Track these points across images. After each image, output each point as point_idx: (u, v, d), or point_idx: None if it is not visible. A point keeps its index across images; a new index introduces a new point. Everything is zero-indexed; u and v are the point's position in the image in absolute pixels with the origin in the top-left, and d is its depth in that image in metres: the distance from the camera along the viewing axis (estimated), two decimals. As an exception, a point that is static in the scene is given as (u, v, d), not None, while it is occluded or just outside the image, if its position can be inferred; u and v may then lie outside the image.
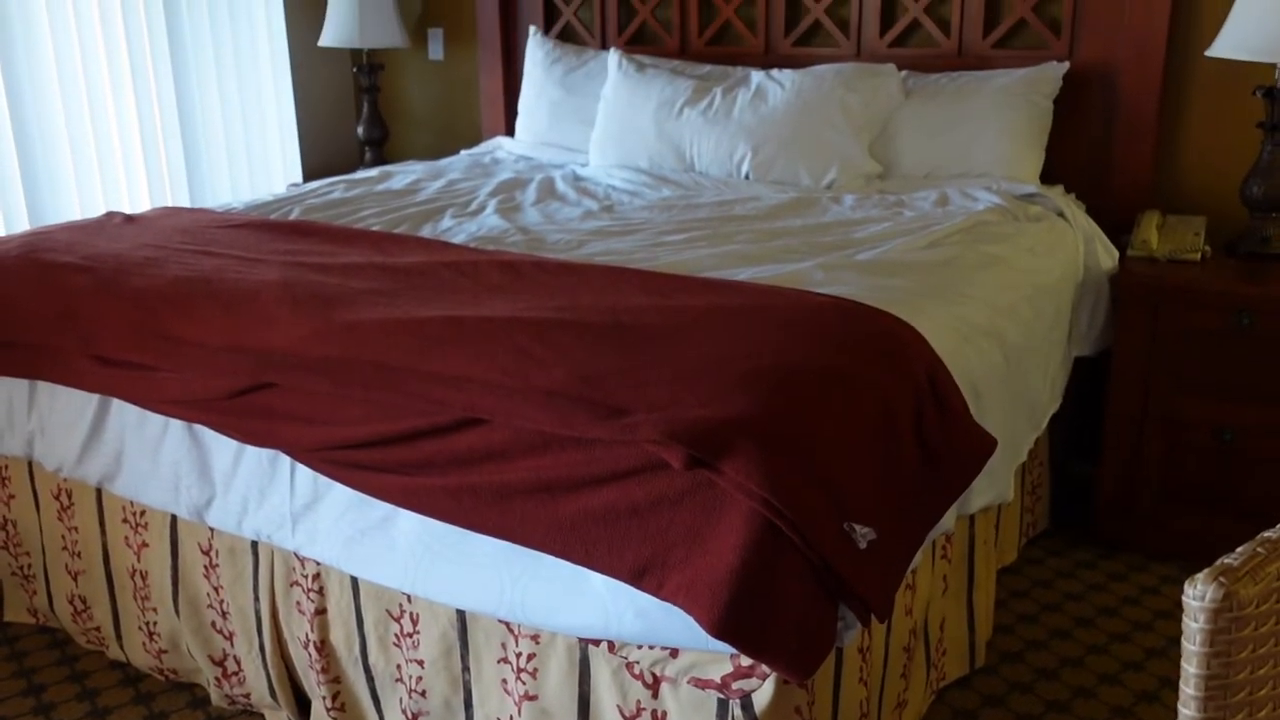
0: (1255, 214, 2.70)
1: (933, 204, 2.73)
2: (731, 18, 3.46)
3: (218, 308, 2.03)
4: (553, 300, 1.94)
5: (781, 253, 2.34)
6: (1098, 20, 2.94)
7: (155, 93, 3.55)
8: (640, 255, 2.34)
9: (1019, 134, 2.88)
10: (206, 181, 3.78)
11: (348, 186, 3.14)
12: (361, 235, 2.50)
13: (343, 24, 3.91)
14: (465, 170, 3.39)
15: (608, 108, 3.34)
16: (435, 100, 4.24)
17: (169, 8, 3.57)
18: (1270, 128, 2.64)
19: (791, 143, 3.00)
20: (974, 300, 2.14)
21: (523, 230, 2.61)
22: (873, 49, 3.25)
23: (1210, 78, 2.87)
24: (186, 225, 2.58)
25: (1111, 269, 2.69)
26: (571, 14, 3.74)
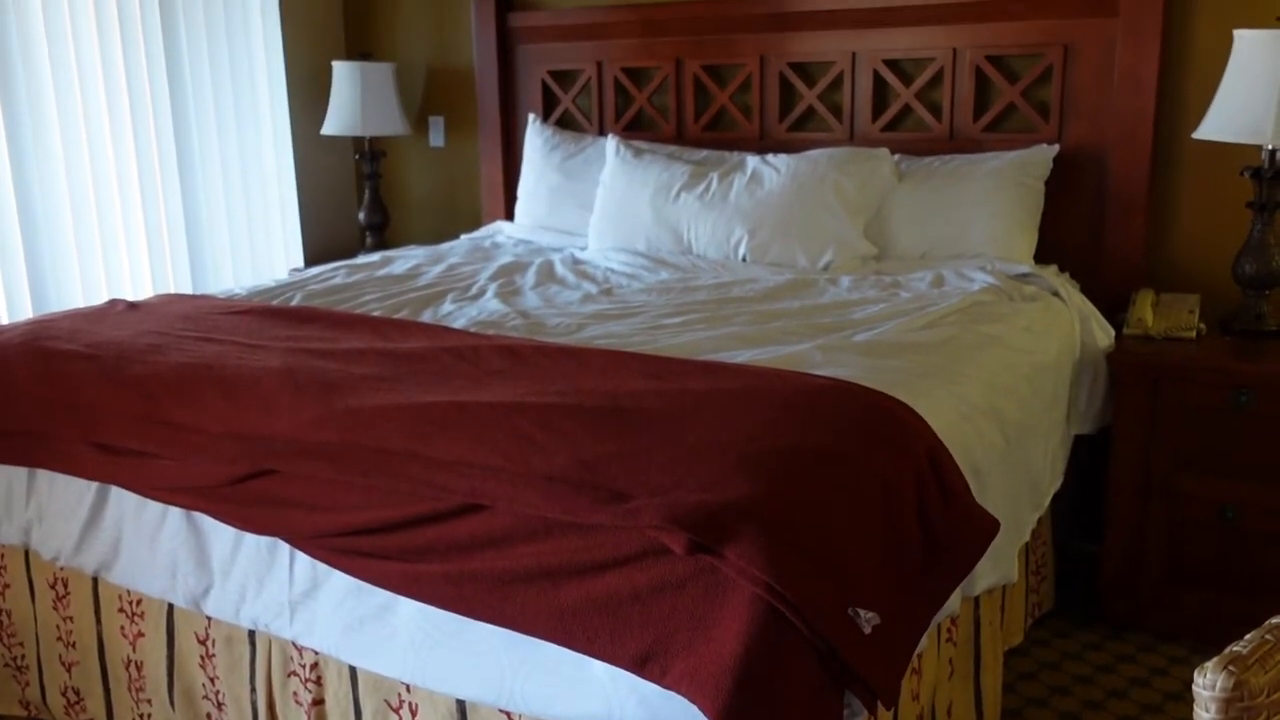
0: (1248, 292, 2.73)
1: (928, 285, 2.76)
2: (727, 104, 3.53)
3: (219, 394, 2.04)
4: (553, 385, 1.95)
5: (780, 334, 2.36)
6: (1086, 104, 3.00)
7: (160, 179, 3.61)
8: (639, 338, 2.35)
9: (1011, 215, 2.92)
10: (209, 266, 3.82)
11: (349, 272, 3.17)
12: (363, 321, 2.52)
13: (345, 113, 3.99)
14: (466, 254, 3.42)
15: (606, 192, 3.39)
16: (436, 186, 4.31)
17: (175, 95, 3.64)
18: (1259, 207, 2.68)
19: (788, 225, 3.04)
20: (972, 380, 2.15)
21: (523, 314, 2.63)
22: (866, 133, 3.32)
23: (1198, 158, 2.92)
24: (189, 312, 2.60)
25: (1108, 347, 2.70)
26: (570, 101, 3.81)
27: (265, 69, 3.92)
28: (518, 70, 3.90)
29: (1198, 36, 2.89)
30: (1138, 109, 2.89)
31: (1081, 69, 2.99)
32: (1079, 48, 2.98)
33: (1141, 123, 2.89)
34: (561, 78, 3.84)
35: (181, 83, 3.67)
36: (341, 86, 4.00)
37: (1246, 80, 2.56)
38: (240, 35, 3.84)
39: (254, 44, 3.89)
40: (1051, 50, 3.01)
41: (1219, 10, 2.85)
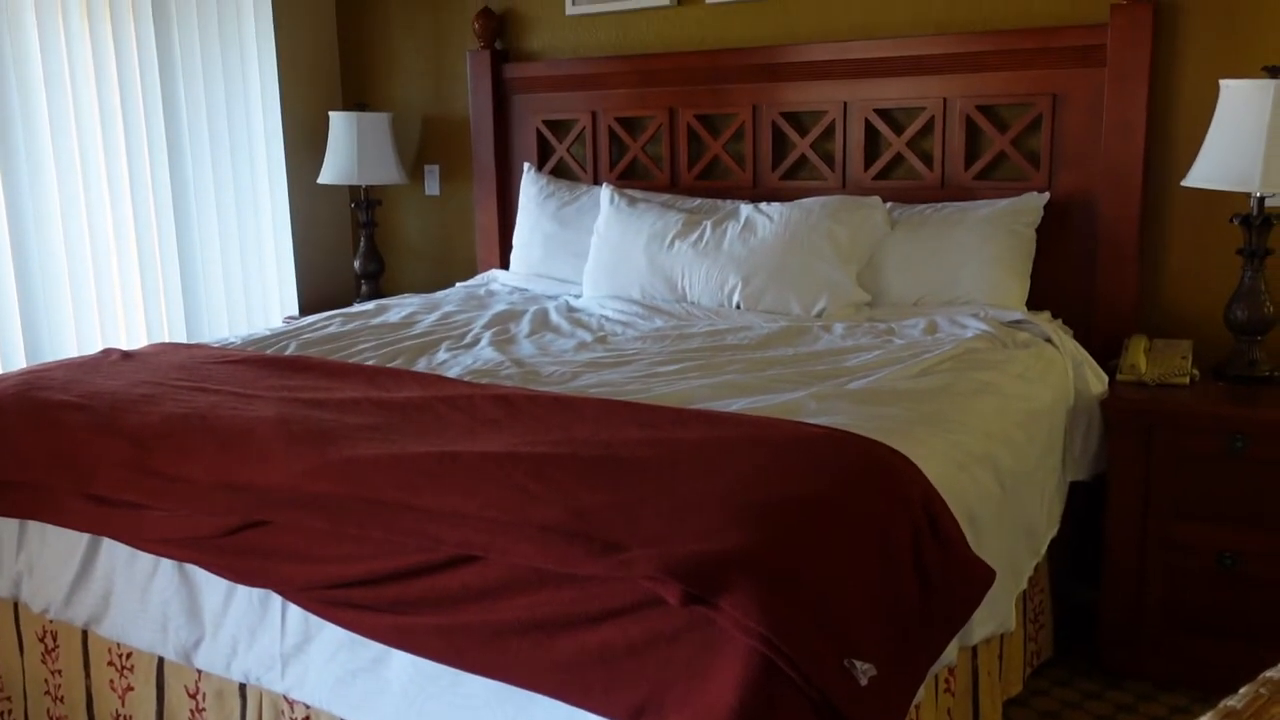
0: (1240, 338, 2.74)
1: (922, 332, 2.77)
2: (720, 153, 3.56)
3: (212, 445, 2.03)
4: (547, 434, 1.95)
5: (774, 382, 2.36)
6: (1075, 153, 3.03)
7: (156, 227, 3.63)
8: (634, 387, 2.35)
9: (1003, 262, 2.94)
10: (204, 314, 3.83)
11: (344, 320, 3.18)
12: (357, 370, 2.52)
13: (342, 162, 4.02)
14: (460, 302, 3.43)
15: (600, 240, 3.41)
16: (431, 234, 4.33)
17: (172, 144, 3.67)
18: (1249, 254, 2.70)
19: (781, 273, 3.05)
20: (967, 428, 2.14)
21: (517, 362, 2.64)
22: (858, 181, 3.34)
23: (1188, 205, 2.94)
24: (183, 361, 2.60)
25: (1102, 393, 2.71)
26: (564, 150, 3.85)
27: (262, 118, 3.96)
28: (513, 119, 3.94)
29: (1184, 86, 2.92)
30: (1127, 157, 2.92)
31: (1070, 118, 3.02)
32: (1068, 97, 3.02)
33: (1131, 171, 2.92)
34: (556, 127, 3.87)
35: (179, 131, 3.70)
36: (338, 136, 4.03)
37: (1233, 129, 2.59)
38: (238, 85, 3.88)
39: (251, 94, 3.92)
40: (1040, 100, 3.05)
41: (1204, 60, 2.89)
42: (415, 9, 4.17)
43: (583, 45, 3.83)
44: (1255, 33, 2.82)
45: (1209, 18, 2.87)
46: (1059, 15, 3.04)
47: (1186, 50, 2.91)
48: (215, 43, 3.77)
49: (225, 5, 3.80)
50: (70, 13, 3.35)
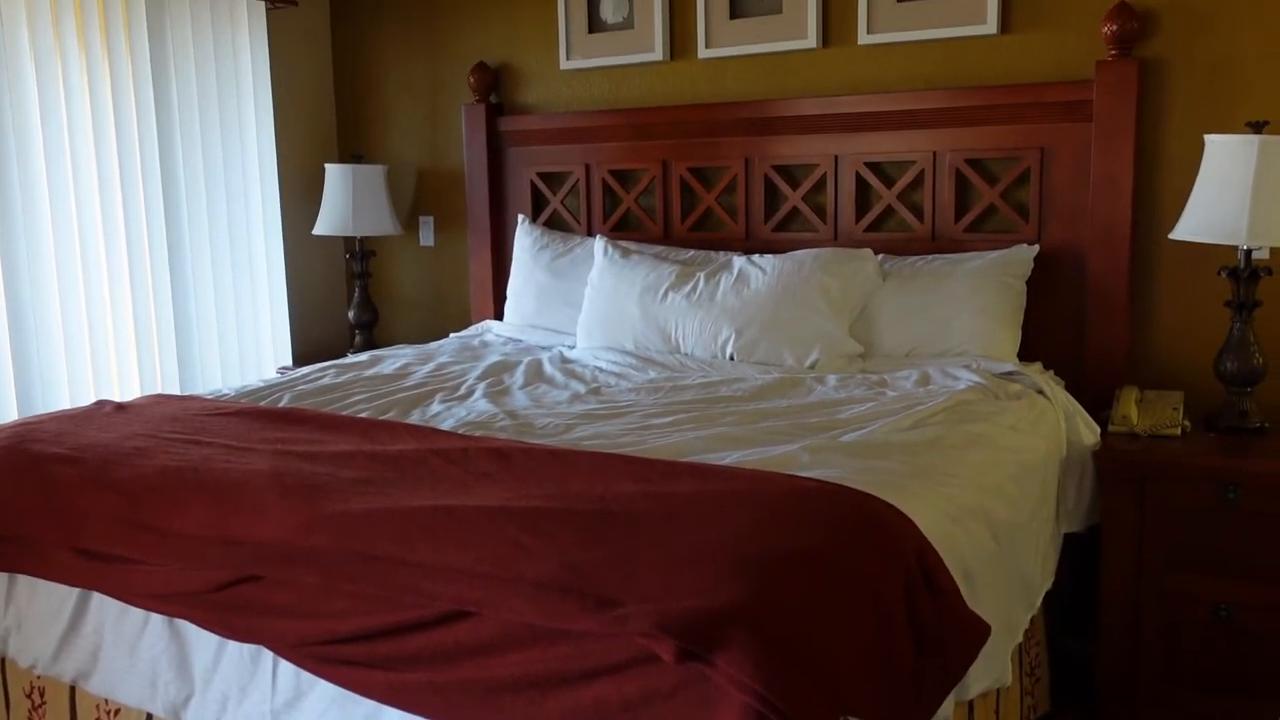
0: (1231, 389, 2.76)
1: (914, 383, 2.78)
2: (713, 205, 3.59)
3: (205, 498, 2.02)
4: (541, 488, 1.95)
5: (767, 435, 2.36)
6: (1064, 206, 3.07)
7: (151, 278, 3.64)
8: (628, 439, 2.35)
9: (994, 314, 2.96)
10: (197, 364, 3.83)
11: (338, 371, 3.18)
12: (351, 422, 2.51)
13: (337, 213, 4.05)
14: (454, 353, 3.44)
15: (594, 292, 3.43)
16: (425, 284, 4.35)
17: (168, 194, 3.70)
18: (1237, 306, 2.72)
19: (774, 325, 3.07)
20: (960, 480, 2.15)
21: (511, 414, 2.64)
22: (849, 233, 3.37)
23: (1176, 257, 2.97)
24: (177, 413, 2.60)
25: (1094, 444, 2.72)
26: (558, 202, 3.88)
27: (258, 170, 3.99)
28: (507, 172, 3.97)
29: (1170, 140, 2.97)
30: (1114, 210, 2.96)
31: (1059, 172, 3.06)
32: (1056, 152, 3.06)
33: (1119, 224, 2.96)
34: (550, 179, 3.91)
35: (175, 182, 3.72)
36: (334, 187, 4.06)
37: (1219, 183, 2.62)
38: (235, 138, 3.91)
39: (248, 146, 3.96)
40: (1028, 154, 3.09)
41: (1189, 115, 2.94)
42: (412, 63, 4.23)
43: (577, 99, 3.88)
44: (1238, 88, 2.87)
45: (1192, 74, 2.92)
46: (1046, 71, 3.09)
47: (1171, 106, 2.96)
48: (213, 95, 3.81)
49: (223, 59, 3.84)
50: (69, 65, 3.39)
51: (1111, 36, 2.90)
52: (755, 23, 3.49)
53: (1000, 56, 3.16)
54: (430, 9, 4.14)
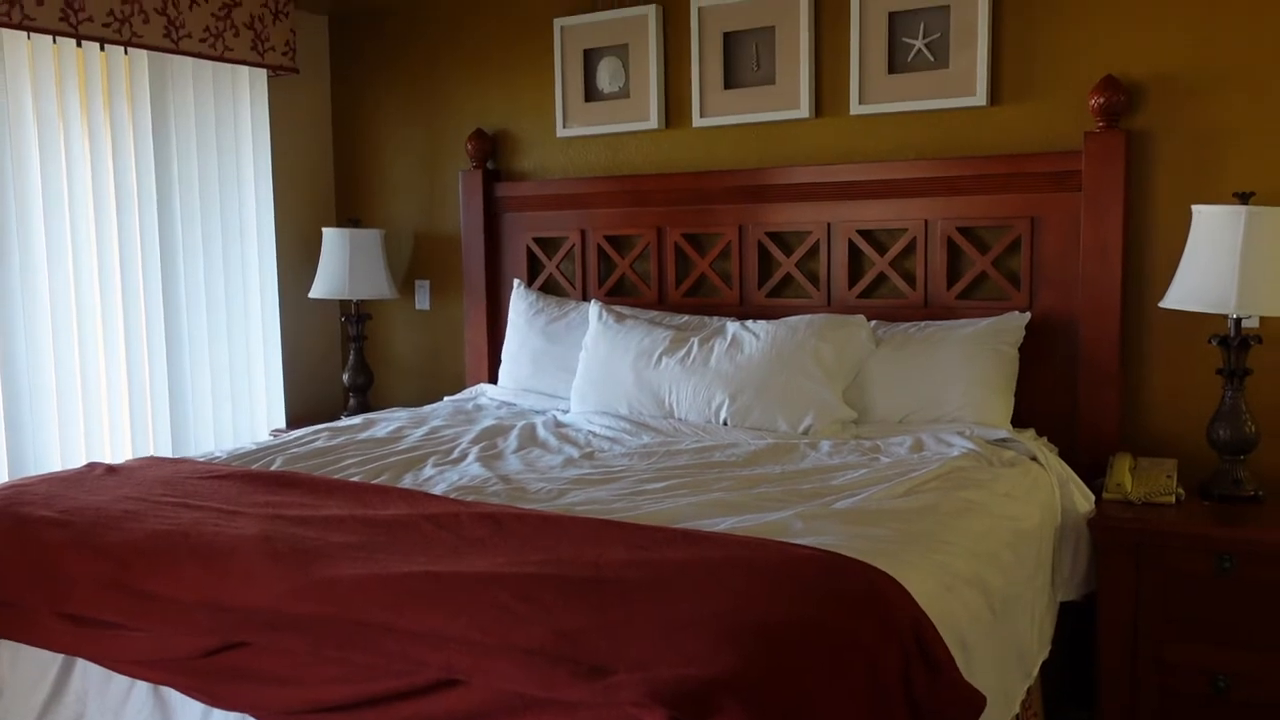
0: (1224, 457, 2.76)
1: (908, 450, 2.78)
2: (707, 271, 3.62)
3: (194, 563, 2.01)
4: (533, 554, 1.93)
5: (761, 501, 2.35)
6: (1054, 274, 3.09)
7: (146, 339, 3.65)
8: (621, 505, 2.35)
9: (987, 381, 2.97)
10: (190, 426, 3.82)
11: (331, 434, 3.17)
12: (343, 486, 2.50)
13: (334, 277, 4.07)
14: (448, 417, 3.44)
15: (588, 356, 3.44)
16: (420, 348, 4.36)
17: (165, 255, 3.72)
18: (1228, 374, 2.74)
19: (768, 390, 3.08)
20: (955, 548, 2.14)
21: (504, 479, 2.63)
22: (843, 299, 3.40)
23: (1167, 326, 2.99)
24: (168, 476, 2.58)
25: (1089, 512, 2.71)
26: (554, 267, 3.91)
27: (256, 233, 4.02)
28: (503, 237, 4.01)
29: (1158, 209, 3.01)
30: (1105, 278, 2.98)
31: (1049, 240, 3.10)
32: (1046, 220, 3.10)
33: (1109, 292, 2.98)
34: (546, 244, 3.94)
35: (173, 244, 3.75)
36: (331, 251, 4.09)
37: (1207, 253, 2.65)
38: (233, 201, 3.95)
39: (246, 210, 3.99)
40: (1019, 223, 3.13)
41: (1176, 185, 2.98)
42: (410, 129, 4.28)
43: (573, 165, 3.93)
44: (1223, 159, 2.92)
45: (1179, 145, 2.97)
46: (1035, 142, 3.14)
47: (1158, 176, 3.00)
48: (213, 160, 3.86)
49: (224, 124, 3.89)
50: (71, 130, 3.43)
51: (1099, 109, 2.95)
52: (749, 93, 3.55)
53: (990, 127, 3.21)
54: (429, 76, 4.21)
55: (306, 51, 4.27)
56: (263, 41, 3.92)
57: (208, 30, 3.73)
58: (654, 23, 3.67)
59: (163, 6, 3.58)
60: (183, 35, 3.65)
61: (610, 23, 3.76)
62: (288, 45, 4.02)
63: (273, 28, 3.95)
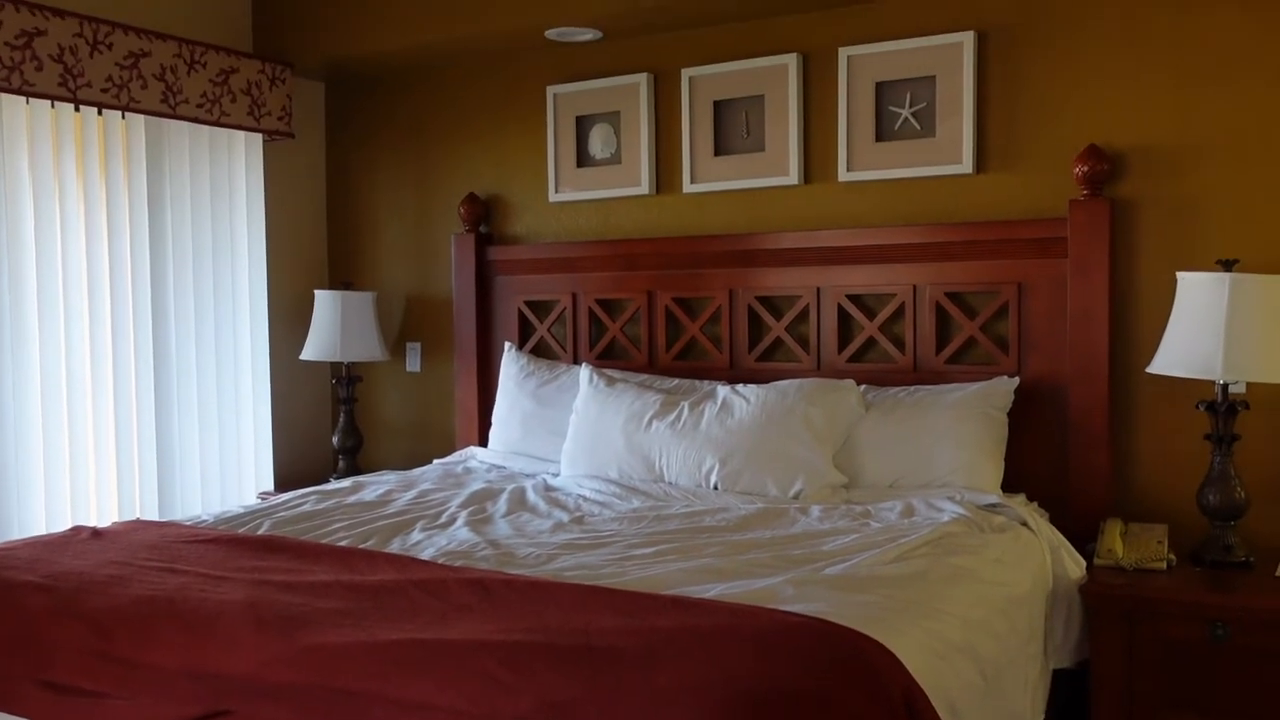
0: (1215, 523, 2.76)
1: (898, 515, 2.77)
2: (697, 335, 3.64)
3: (178, 629, 1.98)
4: (521, 621, 1.92)
5: (751, 567, 2.34)
6: (1042, 339, 3.11)
7: (135, 400, 3.64)
8: (610, 570, 2.33)
9: (977, 445, 2.97)
10: (178, 487, 3.80)
11: (320, 498, 3.16)
12: (330, 551, 2.49)
13: (325, 339, 4.08)
14: (437, 480, 3.42)
15: (579, 420, 3.44)
16: (411, 410, 4.35)
17: (157, 316, 3.72)
18: (1216, 440, 2.75)
19: (758, 454, 3.07)
20: (946, 615, 2.12)
21: (493, 543, 2.61)
22: (832, 363, 3.41)
23: (1155, 391, 3.01)
24: (154, 540, 2.56)
25: (1080, 578, 2.70)
26: (545, 330, 3.92)
27: (248, 296, 4.03)
28: (495, 299, 4.03)
29: (1143, 276, 3.04)
30: (1092, 344, 3.00)
31: (1036, 306, 3.12)
32: (1033, 286, 3.12)
33: (1096, 356, 3.00)
34: (537, 307, 3.96)
35: (164, 304, 3.76)
36: (322, 313, 4.10)
37: (1192, 319, 2.68)
38: (226, 264, 3.96)
39: (239, 272, 4.01)
40: (1006, 288, 3.15)
41: (1160, 252, 3.01)
42: (403, 193, 4.32)
43: (565, 230, 3.96)
44: (1206, 227, 2.96)
45: (1162, 212, 3.01)
46: (1021, 209, 3.18)
47: (1143, 243, 3.04)
48: (206, 223, 3.88)
49: (219, 188, 3.92)
50: (66, 192, 3.45)
51: (1083, 177, 2.99)
52: (739, 159, 3.60)
53: (976, 194, 3.25)
54: (423, 141, 4.26)
55: (302, 116, 4.32)
56: (259, 107, 3.97)
57: (205, 96, 3.78)
58: (645, 91, 3.73)
59: (161, 73, 3.63)
60: (180, 101, 3.70)
61: (603, 90, 3.82)
62: (284, 110, 4.07)
63: (269, 94, 4.01)
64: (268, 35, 4.16)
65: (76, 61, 3.37)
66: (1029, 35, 3.17)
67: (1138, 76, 3.03)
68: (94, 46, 3.42)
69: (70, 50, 3.36)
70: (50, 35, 3.30)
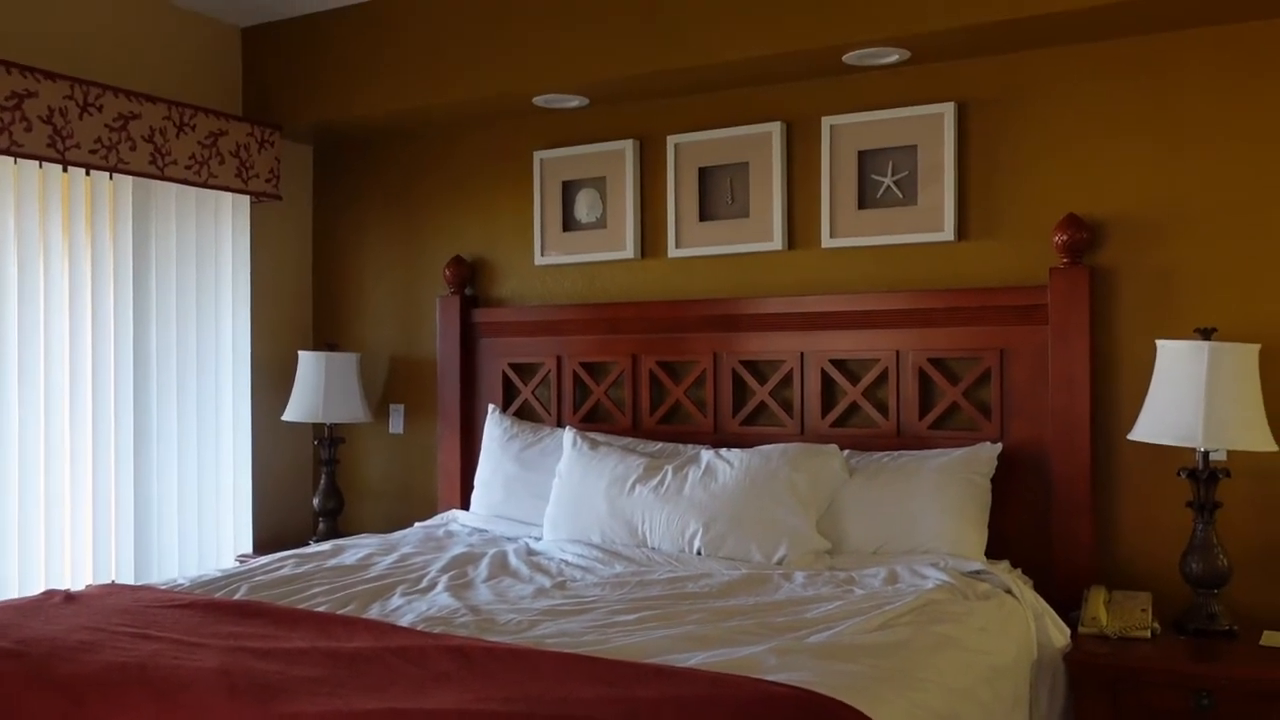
0: (1198, 591, 2.75)
1: (882, 581, 2.76)
2: (681, 398, 3.64)
3: (150, 697, 1.94)
4: (500, 690, 1.89)
5: (734, 634, 2.32)
6: (1024, 405, 3.13)
7: (114, 461, 3.61)
8: (592, 637, 2.30)
9: (961, 511, 2.97)
10: (154, 549, 3.75)
11: (299, 561, 3.12)
12: (308, 617, 2.45)
13: (308, 400, 4.06)
14: (418, 544, 3.39)
15: (562, 483, 3.42)
16: (393, 472, 4.32)
17: (139, 376, 3.71)
18: (1198, 507, 2.75)
19: (741, 520, 3.06)
20: (930, 685, 2.10)
21: (473, 609, 2.58)
22: (816, 428, 3.41)
23: (1137, 457, 3.01)
24: (127, 604, 2.52)
25: (1065, 646, 2.68)
26: (529, 393, 3.92)
27: (231, 356, 4.02)
28: (479, 362, 4.03)
29: (1123, 343, 3.06)
30: (1074, 410, 3.02)
31: (1018, 372, 3.14)
32: (1014, 353, 3.15)
33: (1078, 423, 3.01)
34: (522, 370, 3.96)
35: (146, 365, 3.74)
36: (306, 374, 4.09)
37: (1172, 387, 2.70)
38: (210, 323, 3.96)
39: (223, 332, 4.00)
40: (989, 354, 3.17)
41: (1140, 320, 3.04)
42: (389, 255, 4.34)
43: (550, 293, 3.98)
44: (1184, 295, 2.99)
45: (1141, 281, 3.05)
46: (1002, 276, 3.21)
47: (1123, 310, 3.07)
48: (191, 282, 3.88)
49: (204, 248, 3.93)
50: (51, 249, 3.45)
51: (1063, 245, 3.03)
52: (723, 225, 3.63)
53: (958, 261, 3.29)
54: (410, 204, 4.28)
55: (290, 177, 4.35)
56: (247, 169, 4.00)
57: (193, 158, 3.80)
58: (631, 157, 3.77)
59: (150, 134, 3.65)
60: (168, 162, 3.72)
61: (589, 156, 3.86)
62: (271, 173, 4.09)
63: (258, 156, 4.03)
64: (257, 98, 4.20)
65: (66, 123, 3.40)
66: (1008, 106, 3.22)
67: (1115, 147, 3.09)
68: (84, 108, 3.45)
69: (60, 112, 3.38)
70: (41, 97, 3.33)
